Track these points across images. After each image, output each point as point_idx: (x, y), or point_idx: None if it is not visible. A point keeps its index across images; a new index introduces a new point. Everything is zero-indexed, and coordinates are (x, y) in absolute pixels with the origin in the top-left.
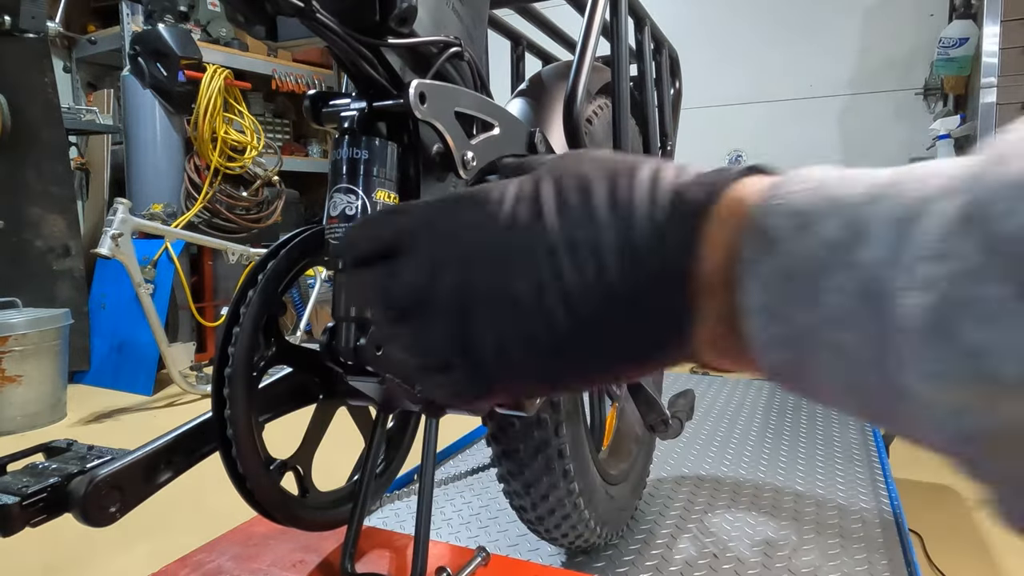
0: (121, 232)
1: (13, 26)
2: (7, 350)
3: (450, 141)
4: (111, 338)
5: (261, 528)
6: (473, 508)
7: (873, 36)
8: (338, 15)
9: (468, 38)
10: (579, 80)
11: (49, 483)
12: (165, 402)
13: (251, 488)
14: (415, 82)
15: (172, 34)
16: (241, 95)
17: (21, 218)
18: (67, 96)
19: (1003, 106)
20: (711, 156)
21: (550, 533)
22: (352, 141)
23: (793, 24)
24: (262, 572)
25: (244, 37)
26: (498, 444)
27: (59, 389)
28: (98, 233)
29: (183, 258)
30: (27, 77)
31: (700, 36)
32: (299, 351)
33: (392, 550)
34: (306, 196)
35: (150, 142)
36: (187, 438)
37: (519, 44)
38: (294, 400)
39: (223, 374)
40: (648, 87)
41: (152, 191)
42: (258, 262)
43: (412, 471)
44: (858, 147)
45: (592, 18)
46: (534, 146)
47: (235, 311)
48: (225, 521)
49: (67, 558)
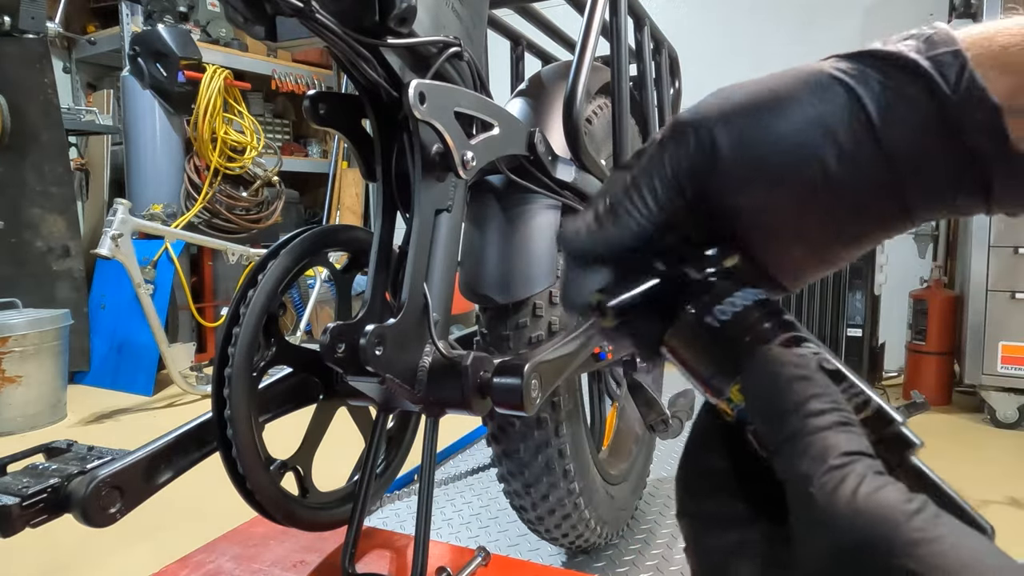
0: (121, 232)
1: (13, 26)
2: (7, 351)
3: (449, 141)
4: (111, 338)
5: (261, 528)
6: (473, 508)
7: (873, 36)
8: (338, 15)
9: (468, 38)
10: (579, 80)
11: (49, 484)
12: (165, 402)
13: (251, 488)
14: (414, 82)
15: (172, 34)
16: (241, 95)
17: (21, 218)
18: (67, 96)
19: None
20: None
21: (550, 533)
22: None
23: (793, 24)
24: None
25: (244, 37)
26: (498, 444)
27: (59, 390)
28: (98, 233)
29: (183, 258)
30: (27, 77)
31: (700, 36)
32: (299, 351)
33: (392, 550)
34: (306, 196)
35: (150, 142)
36: (187, 438)
37: (519, 44)
38: (294, 400)
39: (223, 374)
40: (648, 87)
41: (152, 191)
42: (258, 262)
43: (412, 471)
44: None
45: (592, 18)
46: (533, 146)
47: (235, 311)
48: (225, 521)
49: (67, 558)
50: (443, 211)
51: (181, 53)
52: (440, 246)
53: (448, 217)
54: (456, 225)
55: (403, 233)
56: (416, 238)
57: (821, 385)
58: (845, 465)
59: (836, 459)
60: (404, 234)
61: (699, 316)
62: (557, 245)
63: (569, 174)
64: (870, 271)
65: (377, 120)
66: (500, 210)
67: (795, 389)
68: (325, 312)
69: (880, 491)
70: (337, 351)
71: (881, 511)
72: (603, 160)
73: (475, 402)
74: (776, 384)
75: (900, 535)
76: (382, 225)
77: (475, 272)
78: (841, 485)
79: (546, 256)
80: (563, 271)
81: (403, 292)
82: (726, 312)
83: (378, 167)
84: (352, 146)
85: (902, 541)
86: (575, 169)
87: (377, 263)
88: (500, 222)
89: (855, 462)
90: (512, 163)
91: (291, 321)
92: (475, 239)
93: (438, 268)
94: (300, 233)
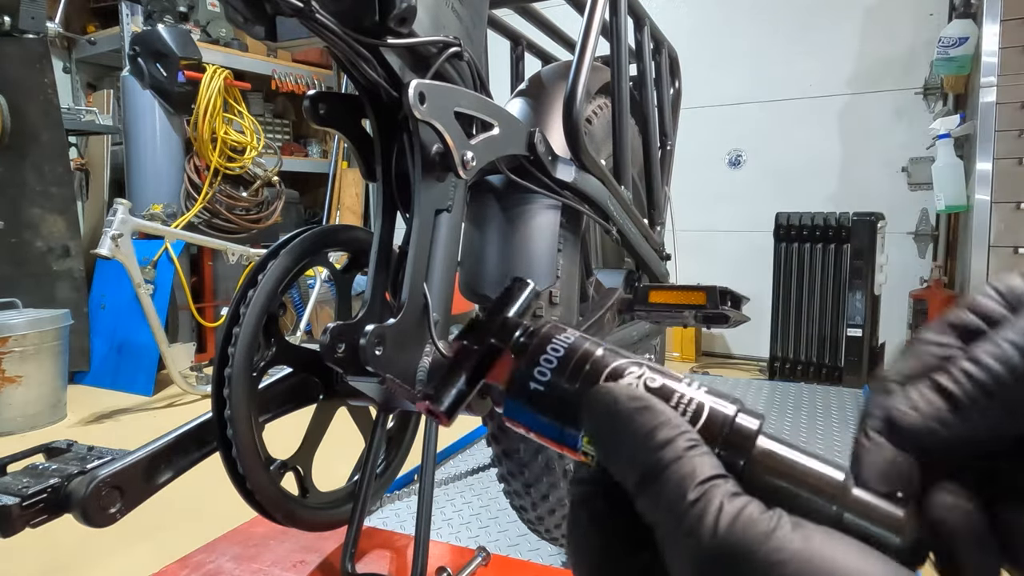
0: (121, 232)
1: (13, 26)
2: (7, 351)
3: (449, 141)
4: (111, 338)
5: (261, 528)
6: (473, 508)
7: (873, 36)
8: (338, 15)
9: (468, 38)
10: (579, 80)
11: (49, 484)
12: (165, 403)
13: (251, 488)
14: (414, 82)
15: (172, 34)
16: (241, 95)
17: (21, 218)
18: (67, 96)
19: (1003, 105)
20: (711, 156)
21: (550, 533)
22: None
23: (793, 24)
24: (262, 572)
25: (244, 37)
26: (498, 444)
27: (59, 390)
28: (98, 233)
29: (183, 258)
30: (27, 77)
31: (700, 36)
32: (299, 351)
33: (392, 550)
34: (306, 196)
35: (150, 142)
36: (187, 438)
37: (519, 44)
38: (294, 400)
39: (223, 374)
40: (648, 87)
41: (152, 191)
42: (258, 262)
43: (412, 471)
44: (858, 147)
45: (592, 18)
46: (533, 146)
47: (235, 311)
48: (225, 521)
49: (67, 558)
50: (443, 211)
51: (181, 53)
52: (440, 246)
53: (448, 217)
54: (456, 225)
55: (403, 233)
56: (416, 238)
57: (659, 412)
58: (701, 497)
59: (693, 492)
60: (404, 234)
61: (523, 384)
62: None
63: (569, 174)
64: (870, 271)
65: (377, 120)
66: (500, 210)
67: (637, 423)
68: (325, 312)
69: (738, 518)
70: (337, 351)
71: (742, 538)
72: (603, 160)
73: (475, 402)
74: (617, 423)
75: (760, 560)
76: (382, 225)
77: (475, 272)
78: (703, 520)
79: (546, 256)
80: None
81: (403, 292)
82: (544, 372)
83: (378, 167)
84: (352, 146)
85: (763, 565)
86: (575, 169)
87: (377, 263)
88: (500, 222)
89: (713, 488)
90: (512, 163)
91: (291, 321)
92: (475, 239)
93: (438, 268)
94: (300, 233)
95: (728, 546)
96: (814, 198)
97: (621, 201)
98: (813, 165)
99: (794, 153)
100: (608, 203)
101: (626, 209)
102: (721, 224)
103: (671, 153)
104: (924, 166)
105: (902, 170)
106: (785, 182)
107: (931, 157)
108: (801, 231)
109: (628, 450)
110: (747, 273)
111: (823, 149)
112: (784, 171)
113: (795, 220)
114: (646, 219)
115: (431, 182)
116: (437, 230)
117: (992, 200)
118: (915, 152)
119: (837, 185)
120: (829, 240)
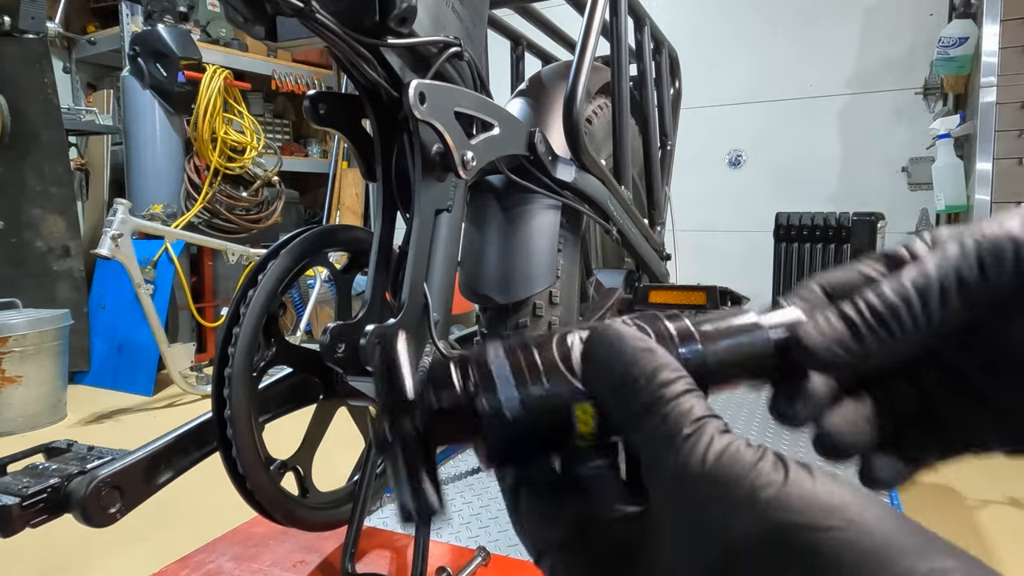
0: (121, 232)
1: (13, 26)
2: (7, 351)
3: (449, 141)
4: (111, 338)
5: (261, 528)
6: (473, 508)
7: (873, 36)
8: (338, 15)
9: (468, 38)
10: (579, 80)
11: (49, 484)
12: (165, 403)
13: (251, 488)
14: (414, 82)
15: (172, 34)
16: (241, 95)
17: (21, 218)
18: (67, 96)
19: (1003, 105)
20: (711, 156)
21: None
22: None
23: (793, 24)
24: (262, 572)
25: (244, 37)
26: None
27: (59, 390)
28: (98, 233)
29: (183, 258)
30: (27, 77)
31: (700, 36)
32: (299, 351)
33: (392, 550)
34: (306, 196)
35: (150, 142)
36: (187, 438)
37: (519, 44)
38: (294, 400)
39: (223, 374)
40: (648, 87)
41: (152, 191)
42: (258, 262)
43: None
44: (858, 146)
45: (592, 18)
46: (533, 146)
47: (235, 311)
48: (225, 521)
49: (67, 558)
50: (443, 211)
51: (181, 53)
52: (440, 246)
53: (448, 217)
54: (456, 225)
55: (403, 233)
56: (416, 238)
57: (663, 355)
58: (695, 432)
59: (689, 427)
60: (404, 234)
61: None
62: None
63: (569, 174)
64: None
65: (377, 120)
66: (500, 210)
67: (642, 360)
68: (325, 312)
69: (726, 451)
70: (337, 351)
71: (730, 468)
72: (603, 160)
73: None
74: (623, 357)
75: (744, 486)
76: (382, 225)
77: (475, 272)
78: (695, 450)
79: (546, 256)
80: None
81: (403, 292)
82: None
83: (378, 167)
84: (352, 146)
85: (747, 491)
86: (575, 169)
87: (377, 263)
88: (500, 222)
89: (706, 424)
90: (512, 163)
91: (291, 321)
92: (475, 239)
93: (438, 268)
94: (300, 233)
95: (716, 473)
96: (814, 198)
97: (621, 201)
98: (813, 165)
99: (794, 153)
100: (608, 203)
101: (626, 209)
102: (721, 224)
103: (671, 153)
104: (924, 166)
105: (902, 170)
106: (785, 182)
107: (931, 157)
108: (801, 231)
109: (633, 379)
110: (747, 273)
111: (823, 149)
112: (784, 171)
113: (795, 220)
114: (646, 219)
115: (431, 182)
116: (437, 230)
117: (992, 200)
118: (915, 152)
119: (837, 185)
120: (829, 240)
